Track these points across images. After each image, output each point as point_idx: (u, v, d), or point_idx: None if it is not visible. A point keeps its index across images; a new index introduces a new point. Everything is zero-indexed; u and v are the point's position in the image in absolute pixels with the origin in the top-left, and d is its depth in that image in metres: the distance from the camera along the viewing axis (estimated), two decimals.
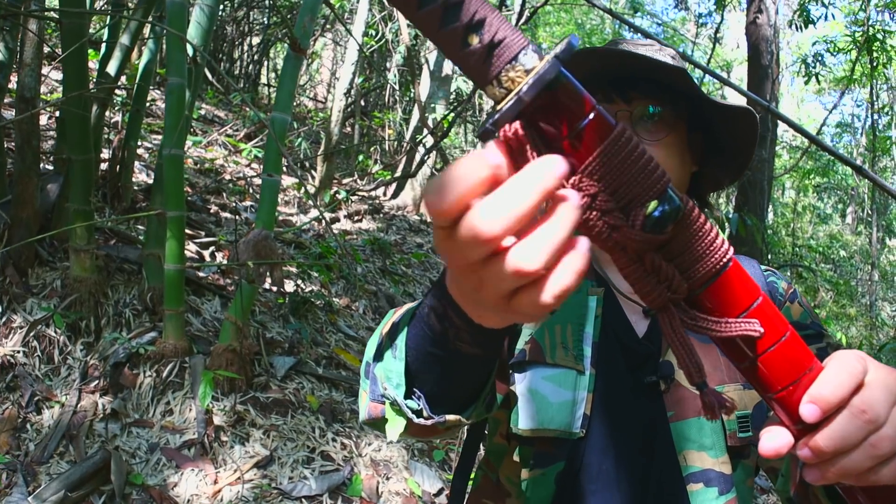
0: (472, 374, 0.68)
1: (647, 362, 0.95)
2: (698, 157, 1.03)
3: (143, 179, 4.71)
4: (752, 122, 0.96)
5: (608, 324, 0.97)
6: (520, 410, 0.92)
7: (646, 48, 0.99)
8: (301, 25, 3.08)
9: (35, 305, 2.92)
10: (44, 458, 2.42)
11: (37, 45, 3.04)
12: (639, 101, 0.95)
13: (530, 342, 0.95)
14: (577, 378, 0.92)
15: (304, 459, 2.69)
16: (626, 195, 0.46)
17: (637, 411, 0.93)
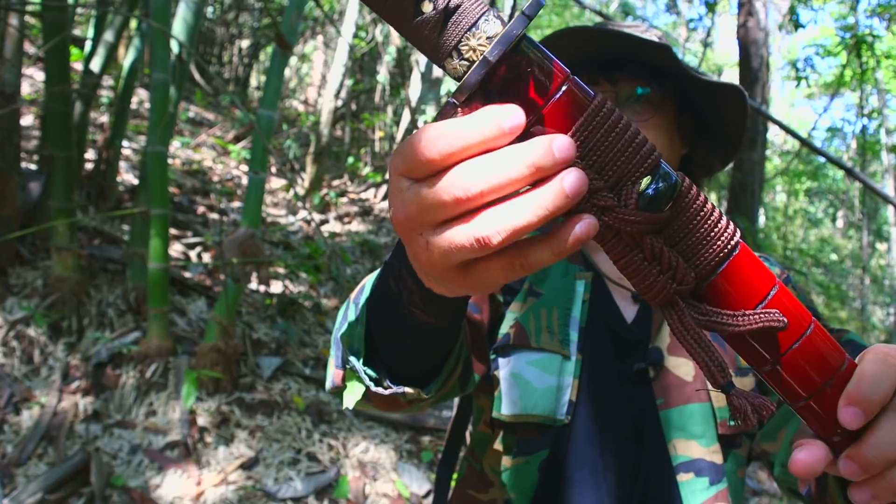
0: (430, 344, 0.63)
1: (636, 349, 0.92)
2: (689, 139, 1.00)
3: (128, 180, 4.65)
4: (739, 98, 0.94)
5: (596, 309, 0.94)
6: (503, 396, 0.90)
7: (632, 29, 0.97)
8: (288, 22, 3.05)
9: (15, 305, 2.86)
10: (21, 460, 2.36)
11: (18, 40, 2.99)
12: (624, 81, 0.92)
13: (515, 326, 0.92)
14: (562, 363, 0.89)
15: (290, 460, 2.64)
16: (615, 172, 0.41)
17: (625, 399, 0.90)
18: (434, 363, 0.67)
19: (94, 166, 3.97)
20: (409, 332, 0.60)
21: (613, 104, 0.65)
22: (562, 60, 0.43)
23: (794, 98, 20.19)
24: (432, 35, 0.42)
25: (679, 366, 0.89)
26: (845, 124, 17.76)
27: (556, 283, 0.95)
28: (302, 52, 10.67)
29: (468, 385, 0.81)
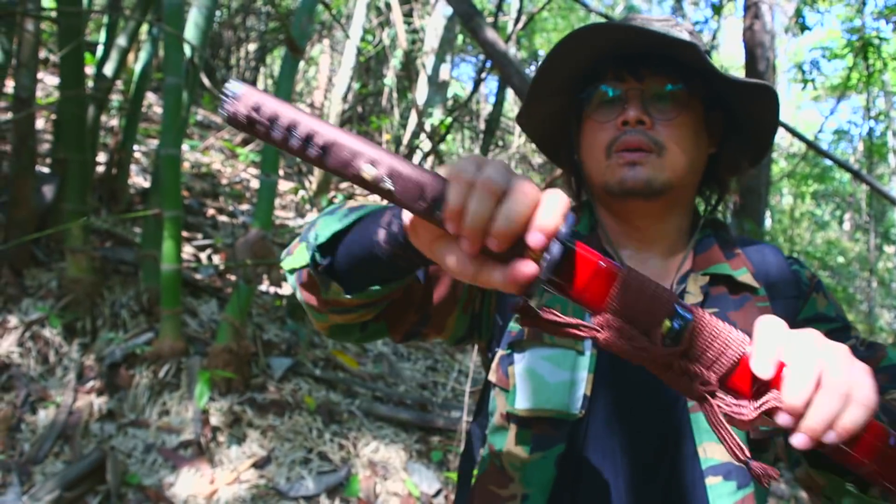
0: (380, 270, 0.71)
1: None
2: (717, 137, 1.00)
3: (139, 182, 4.70)
4: (771, 98, 0.93)
5: None
6: (518, 390, 0.91)
7: (661, 24, 0.97)
8: (298, 26, 3.09)
9: (31, 306, 2.90)
10: (39, 458, 2.40)
11: (33, 45, 3.03)
12: (651, 78, 0.93)
13: None
14: (576, 358, 0.90)
15: (302, 460, 2.67)
16: (643, 320, 0.56)
17: (652, 399, 0.90)
18: (369, 286, 0.74)
19: (106, 169, 4.02)
20: (371, 255, 0.69)
21: (642, 109, 0.76)
22: (588, 56, 0.74)
23: (801, 100, 20.14)
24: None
25: None
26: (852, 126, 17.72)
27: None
28: (309, 56, 10.73)
29: (368, 328, 0.87)
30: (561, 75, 0.98)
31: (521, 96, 2.81)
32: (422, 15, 8.08)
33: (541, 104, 1.04)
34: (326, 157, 0.54)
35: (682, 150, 0.93)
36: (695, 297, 0.93)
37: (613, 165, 0.93)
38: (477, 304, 0.99)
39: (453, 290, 0.95)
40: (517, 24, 6.50)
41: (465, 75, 13.46)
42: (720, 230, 1.03)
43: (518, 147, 9.67)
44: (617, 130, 0.93)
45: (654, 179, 0.92)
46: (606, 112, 0.95)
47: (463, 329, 1.00)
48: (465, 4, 2.90)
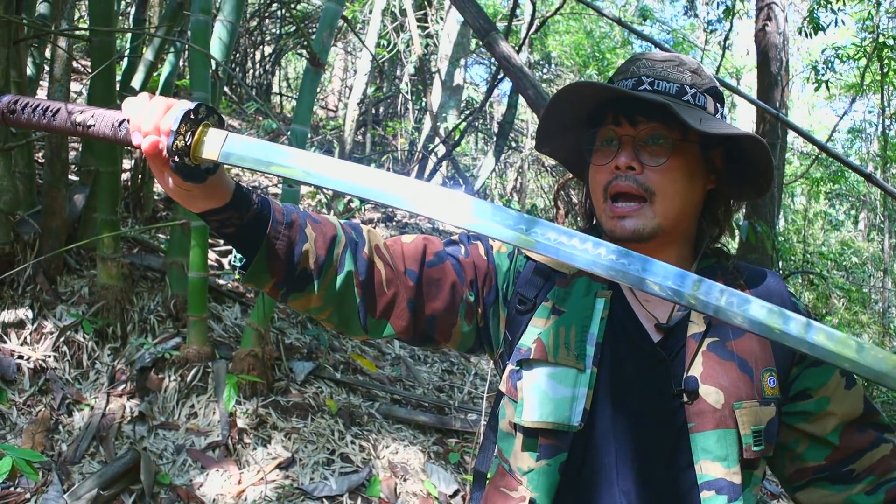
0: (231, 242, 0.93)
1: (660, 367, 1.00)
2: (716, 173, 1.06)
3: (161, 189, 4.82)
4: (758, 147, 0.99)
5: (617, 326, 1.03)
6: (524, 403, 1.01)
7: (664, 64, 1.03)
8: (320, 41, 3.19)
9: (64, 312, 3.02)
10: (76, 458, 2.52)
11: (66, 61, 3.16)
12: (645, 124, 0.99)
13: (537, 342, 1.03)
14: (577, 375, 1.00)
15: (325, 461, 2.77)
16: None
17: (650, 414, 0.99)
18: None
19: (132, 177, 4.15)
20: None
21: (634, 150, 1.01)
22: (591, 100, 1.02)
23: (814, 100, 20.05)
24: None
25: (710, 394, 0.97)
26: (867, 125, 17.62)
27: (577, 301, 1.05)
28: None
29: (368, 324, 1.02)
30: (568, 116, 1.07)
31: (535, 110, 2.90)
32: (435, 20, 8.17)
33: (555, 138, 1.13)
34: (55, 119, 0.87)
35: (673, 195, 1.00)
36: (698, 326, 1.01)
37: (607, 214, 1.02)
38: (480, 318, 1.09)
39: (452, 299, 1.05)
40: (530, 29, 6.57)
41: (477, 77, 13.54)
42: (723, 259, 1.10)
43: (530, 149, 9.74)
44: (610, 174, 1.01)
45: (642, 229, 0.99)
46: (604, 155, 1.03)
47: (471, 340, 1.11)
48: (480, 20, 2.99)
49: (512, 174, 11.46)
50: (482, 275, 1.08)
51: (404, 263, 1.04)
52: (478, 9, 3.02)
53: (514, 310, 1.07)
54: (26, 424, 2.56)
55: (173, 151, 0.80)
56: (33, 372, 2.75)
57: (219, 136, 0.83)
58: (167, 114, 0.81)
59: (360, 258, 0.99)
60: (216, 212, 0.88)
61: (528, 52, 8.53)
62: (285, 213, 0.94)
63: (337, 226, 0.99)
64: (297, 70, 12.93)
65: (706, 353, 0.99)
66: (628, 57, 1.38)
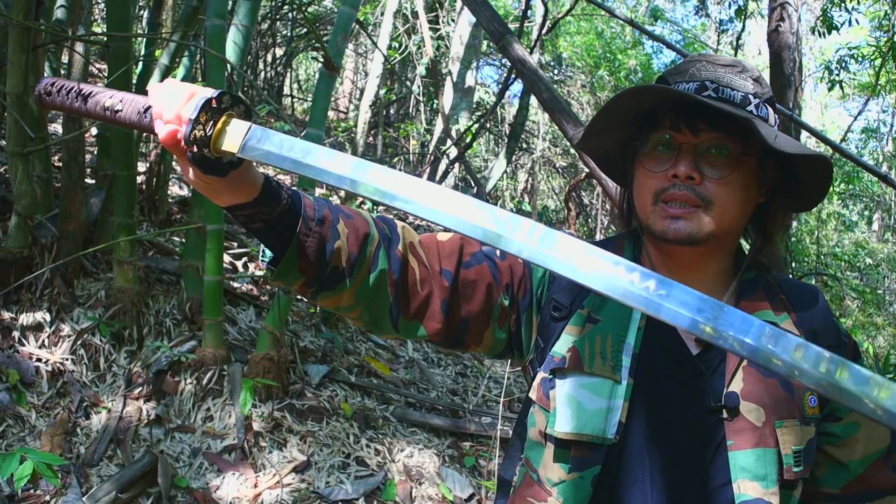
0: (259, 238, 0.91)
1: (698, 380, 0.97)
2: (767, 187, 1.01)
3: (176, 191, 4.85)
4: (824, 168, 0.95)
5: (654, 337, 0.99)
6: (557, 414, 0.98)
7: (727, 69, 0.98)
8: (334, 45, 3.20)
9: (81, 315, 3.04)
10: (94, 461, 2.53)
11: (83, 65, 3.18)
12: (706, 133, 0.94)
13: (571, 350, 1.00)
14: (613, 387, 0.96)
15: (340, 464, 2.78)
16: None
17: (687, 429, 0.96)
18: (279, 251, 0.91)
19: (147, 180, 4.17)
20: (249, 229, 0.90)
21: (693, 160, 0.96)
22: (649, 100, 0.94)
23: (826, 99, 19.90)
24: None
25: (751, 411, 0.93)
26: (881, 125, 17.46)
27: (614, 309, 1.01)
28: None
29: (400, 324, 0.99)
30: (621, 115, 1.02)
31: (550, 113, 2.89)
32: (447, 21, 8.17)
33: (596, 137, 1.08)
34: (87, 102, 0.86)
35: (729, 207, 0.96)
36: None
37: (657, 214, 0.98)
38: (513, 323, 1.06)
39: (487, 302, 1.03)
40: (542, 30, 6.56)
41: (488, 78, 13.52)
42: (763, 272, 1.06)
43: (542, 151, 9.73)
44: (666, 181, 0.96)
45: (696, 233, 0.95)
46: (659, 161, 0.98)
47: (502, 346, 1.08)
48: (495, 23, 2.98)
49: (523, 176, 11.44)
50: (518, 279, 1.05)
51: (440, 263, 1.01)
52: (492, 12, 3.01)
53: (547, 316, 1.05)
54: (45, 427, 2.58)
55: (191, 141, 0.75)
56: (51, 375, 2.78)
57: (241, 128, 0.78)
58: (189, 101, 0.77)
59: (393, 256, 0.96)
60: (243, 207, 0.85)
61: (539, 53, 8.52)
62: (316, 208, 0.90)
63: (370, 221, 0.96)
64: (308, 72, 12.96)
65: (747, 368, 0.96)
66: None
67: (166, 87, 0.80)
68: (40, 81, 0.90)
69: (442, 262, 1.01)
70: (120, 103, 0.84)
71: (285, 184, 0.91)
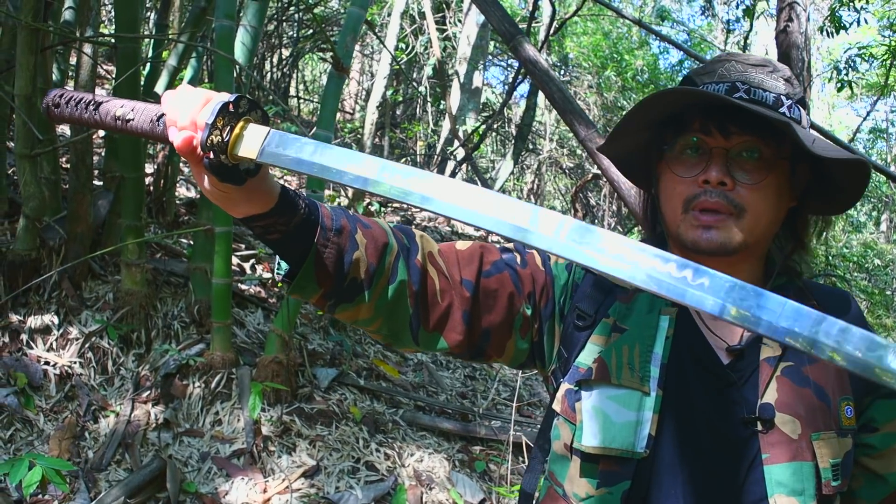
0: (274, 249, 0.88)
1: (730, 390, 0.94)
2: (799, 191, 0.98)
3: (183, 193, 4.83)
4: (862, 173, 0.92)
5: (683, 346, 0.96)
6: (584, 427, 0.94)
7: (758, 69, 0.94)
8: (343, 45, 3.17)
9: (89, 318, 3.02)
10: (102, 466, 2.51)
11: (91, 67, 3.16)
12: (738, 136, 0.91)
13: (597, 361, 0.96)
14: (641, 398, 0.93)
15: (350, 469, 2.75)
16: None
17: (720, 443, 0.92)
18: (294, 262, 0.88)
19: (154, 181, 4.15)
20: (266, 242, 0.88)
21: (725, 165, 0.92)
22: (670, 109, 0.90)
23: (834, 99, 19.82)
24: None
25: (786, 423, 0.90)
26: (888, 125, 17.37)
27: (640, 318, 0.98)
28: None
29: (420, 336, 0.96)
30: (648, 117, 0.99)
31: (562, 114, 2.86)
32: (453, 22, 8.15)
33: (623, 137, 1.04)
34: (97, 113, 0.83)
35: (763, 214, 0.93)
36: (772, 349, 0.94)
37: (688, 223, 0.94)
38: (535, 333, 1.03)
39: (509, 312, 1.00)
40: (550, 31, 6.52)
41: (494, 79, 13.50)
42: (794, 277, 1.03)
43: (549, 151, 9.70)
44: (697, 187, 0.93)
45: (728, 242, 0.92)
46: (688, 165, 0.95)
47: (524, 356, 1.05)
48: (506, 23, 2.95)
49: (529, 176, 11.41)
50: (540, 287, 1.02)
51: (460, 273, 0.98)
52: (503, 12, 2.99)
53: (571, 325, 1.02)
54: (53, 431, 2.56)
55: (207, 147, 0.73)
56: (59, 378, 2.76)
57: (260, 133, 0.75)
58: (205, 108, 0.74)
59: (412, 266, 0.93)
60: (259, 217, 0.82)
61: (546, 53, 8.48)
62: (334, 217, 0.87)
63: (388, 231, 0.93)
64: (314, 73, 12.96)
65: (781, 378, 0.93)
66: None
67: (180, 92, 0.77)
68: (47, 94, 0.88)
69: (462, 272, 0.99)
70: (131, 112, 0.82)
71: (301, 192, 0.88)
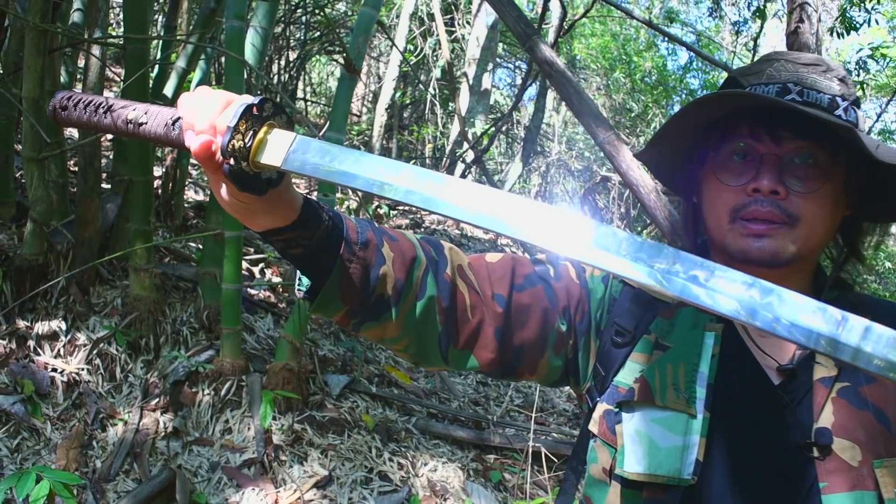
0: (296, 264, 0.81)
1: (783, 413, 0.88)
2: (854, 198, 0.92)
3: (192, 196, 4.79)
4: None
5: (730, 364, 0.90)
6: (626, 452, 0.89)
7: (810, 69, 0.89)
8: (355, 46, 3.12)
9: (97, 323, 2.97)
10: (110, 476, 2.46)
11: (100, 69, 3.12)
12: (791, 142, 0.86)
13: (640, 381, 0.91)
14: (688, 421, 0.87)
15: (363, 479, 2.69)
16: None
17: (774, 468, 0.86)
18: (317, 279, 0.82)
19: (162, 185, 4.11)
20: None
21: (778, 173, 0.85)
22: (719, 112, 0.86)
23: None
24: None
25: (845, 449, 0.84)
26: None
27: (683, 335, 0.92)
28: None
29: (450, 355, 0.90)
30: (690, 123, 0.93)
31: (579, 116, 2.80)
32: (462, 24, 8.10)
33: (664, 141, 0.98)
34: (107, 116, 0.77)
35: (817, 224, 0.87)
36: (827, 369, 0.88)
37: (737, 232, 0.88)
38: (570, 349, 0.97)
39: (543, 328, 0.94)
40: (560, 32, 6.46)
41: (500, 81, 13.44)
42: (846, 291, 0.96)
43: (557, 153, 9.63)
44: (746, 196, 0.87)
45: (781, 252, 0.86)
46: (735, 173, 0.89)
47: (557, 374, 0.99)
48: (521, 24, 2.89)
49: (536, 179, 11.35)
50: (575, 301, 0.96)
51: (491, 287, 0.92)
52: (518, 13, 2.93)
53: (608, 342, 0.96)
54: (60, 440, 2.51)
55: (228, 153, 0.67)
56: (67, 385, 2.71)
57: (285, 139, 0.69)
58: (226, 110, 0.68)
59: (442, 281, 0.87)
60: (280, 231, 0.75)
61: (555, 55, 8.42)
62: (359, 230, 0.81)
63: (416, 244, 0.88)
64: (321, 76, 12.94)
65: (837, 399, 0.86)
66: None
67: (198, 94, 0.71)
68: (54, 96, 0.83)
69: (493, 286, 0.93)
70: (144, 115, 0.76)
71: (324, 204, 0.82)
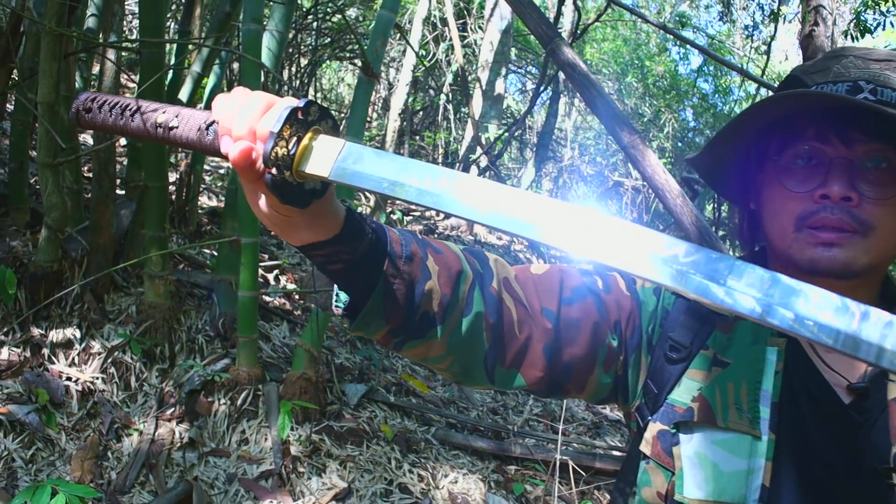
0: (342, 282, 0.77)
1: (856, 435, 0.82)
2: None
3: (205, 202, 4.75)
4: None
5: (795, 382, 0.84)
6: (686, 476, 0.83)
7: (882, 65, 0.82)
8: (373, 50, 3.07)
9: (112, 331, 2.93)
10: (126, 488, 2.41)
11: (115, 73, 3.08)
12: (863, 145, 0.80)
13: (699, 400, 0.85)
14: (752, 443, 0.81)
15: (383, 492, 2.63)
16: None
17: (849, 497, 0.80)
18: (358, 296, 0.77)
19: (177, 190, 4.07)
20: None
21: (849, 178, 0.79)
22: (784, 113, 0.79)
23: None
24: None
25: None
26: None
27: (744, 350, 0.87)
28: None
29: (496, 374, 0.85)
30: (751, 125, 0.87)
31: (602, 119, 2.74)
32: (474, 29, 8.06)
33: (720, 146, 0.91)
34: (133, 119, 0.72)
35: (892, 232, 0.81)
36: None
37: (803, 241, 0.82)
38: (620, 366, 0.92)
39: (593, 344, 0.89)
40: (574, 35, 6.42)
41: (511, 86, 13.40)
42: None
43: (570, 158, 9.56)
44: (813, 203, 0.81)
45: (853, 263, 0.80)
46: (800, 178, 0.83)
47: (605, 391, 0.93)
48: (543, 26, 2.84)
49: (548, 184, 11.28)
50: (626, 315, 0.90)
51: (539, 301, 0.87)
52: (540, 14, 2.87)
53: (661, 357, 0.90)
54: (75, 451, 2.46)
55: (271, 161, 0.60)
56: (81, 394, 2.66)
57: (333, 146, 0.62)
58: (267, 113, 0.62)
59: (488, 295, 0.82)
60: (321, 245, 0.70)
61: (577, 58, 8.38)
62: (404, 243, 0.76)
63: (461, 256, 0.82)
64: (332, 82, 12.94)
65: None
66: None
67: (236, 96, 0.65)
68: (78, 97, 0.77)
69: (542, 300, 0.87)
70: (175, 119, 0.70)
71: (367, 216, 0.76)
